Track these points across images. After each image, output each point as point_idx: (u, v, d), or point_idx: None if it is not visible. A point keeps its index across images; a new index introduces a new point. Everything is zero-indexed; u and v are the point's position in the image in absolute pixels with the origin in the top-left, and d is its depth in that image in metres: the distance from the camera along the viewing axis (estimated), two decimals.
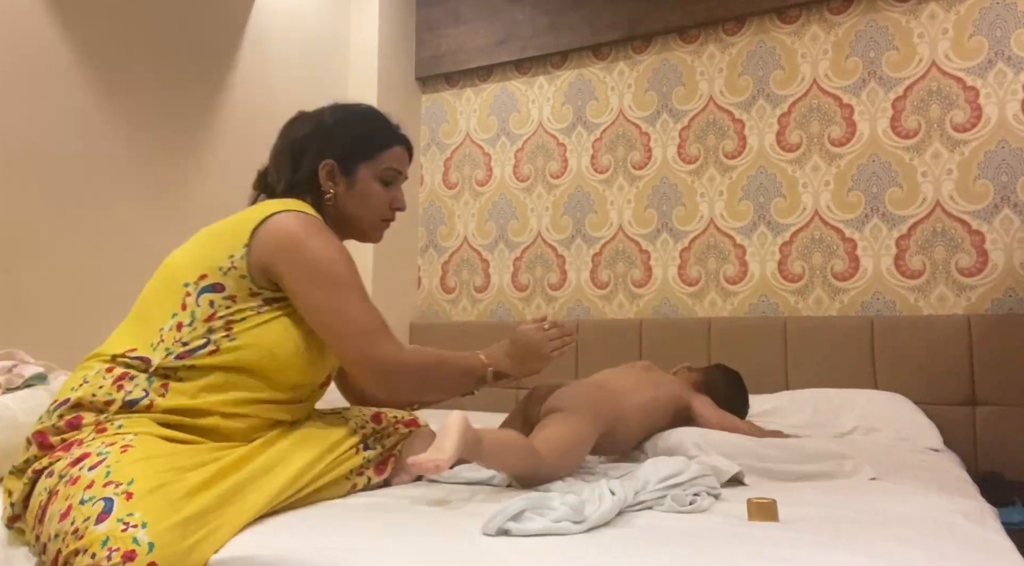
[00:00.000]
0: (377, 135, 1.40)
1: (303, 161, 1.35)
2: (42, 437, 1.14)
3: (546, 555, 0.92)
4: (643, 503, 1.17)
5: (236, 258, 1.22)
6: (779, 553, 0.91)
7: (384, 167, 1.40)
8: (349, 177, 1.37)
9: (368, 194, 1.38)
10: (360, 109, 1.44)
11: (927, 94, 2.46)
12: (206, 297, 1.21)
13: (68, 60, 2.22)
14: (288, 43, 2.97)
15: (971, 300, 2.35)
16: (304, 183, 1.35)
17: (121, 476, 1.00)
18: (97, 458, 1.04)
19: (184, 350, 1.18)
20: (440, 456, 1.10)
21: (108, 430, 1.11)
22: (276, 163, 1.39)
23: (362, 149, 1.37)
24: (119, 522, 0.94)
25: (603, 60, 3.04)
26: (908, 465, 1.69)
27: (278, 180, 1.37)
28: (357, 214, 1.39)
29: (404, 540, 0.98)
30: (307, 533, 1.03)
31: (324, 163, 1.35)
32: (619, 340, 2.79)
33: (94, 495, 0.98)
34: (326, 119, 1.39)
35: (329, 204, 1.36)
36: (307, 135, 1.37)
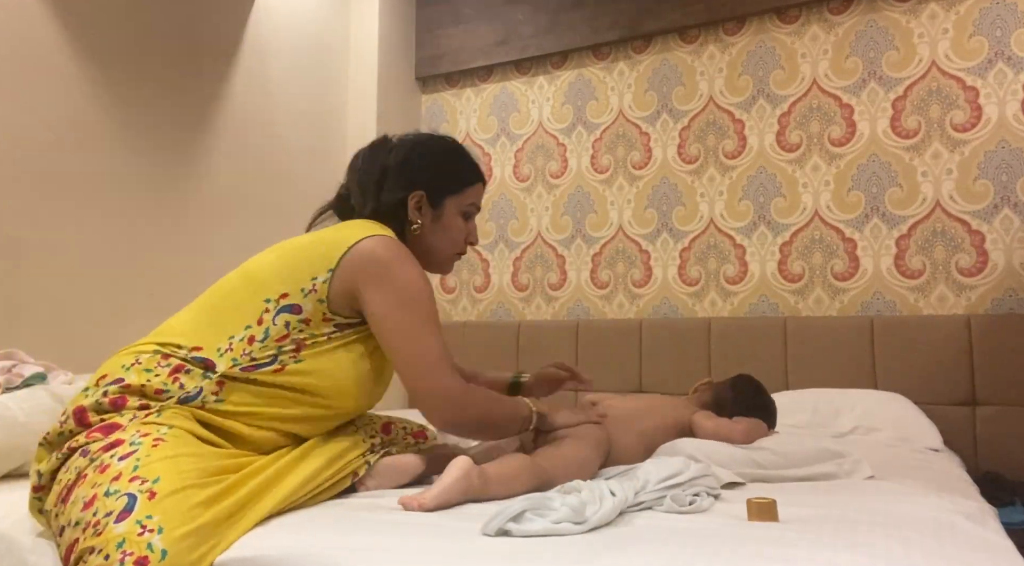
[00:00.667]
0: (465, 171, 1.44)
1: (390, 188, 1.37)
2: (82, 413, 1.15)
3: (546, 555, 0.92)
4: (643, 503, 1.17)
5: (318, 281, 1.23)
6: (779, 553, 0.91)
7: (468, 202, 1.44)
8: (436, 210, 1.40)
9: (451, 227, 1.42)
10: (448, 143, 1.47)
11: (927, 94, 2.46)
12: (283, 317, 1.22)
13: (67, 60, 2.22)
14: (288, 43, 2.97)
15: (971, 300, 2.35)
16: (390, 210, 1.37)
17: (148, 472, 1.01)
18: (129, 448, 1.06)
19: (251, 364, 1.20)
20: (422, 499, 1.13)
21: (148, 418, 1.13)
22: (362, 187, 1.39)
23: (451, 183, 1.41)
24: (137, 523, 0.95)
25: (603, 60, 3.04)
26: (908, 465, 1.69)
27: (363, 204, 1.38)
28: (437, 246, 1.42)
29: (404, 540, 0.98)
30: (307, 533, 1.03)
31: (414, 194, 1.37)
32: (619, 340, 2.79)
33: (119, 489, 1.00)
34: (418, 150, 1.41)
35: (413, 234, 1.38)
36: (399, 164, 1.39)
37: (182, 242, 2.54)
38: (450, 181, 1.41)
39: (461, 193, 1.42)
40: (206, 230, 2.62)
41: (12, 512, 1.26)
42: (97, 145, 2.29)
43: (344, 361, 1.25)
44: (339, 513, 1.14)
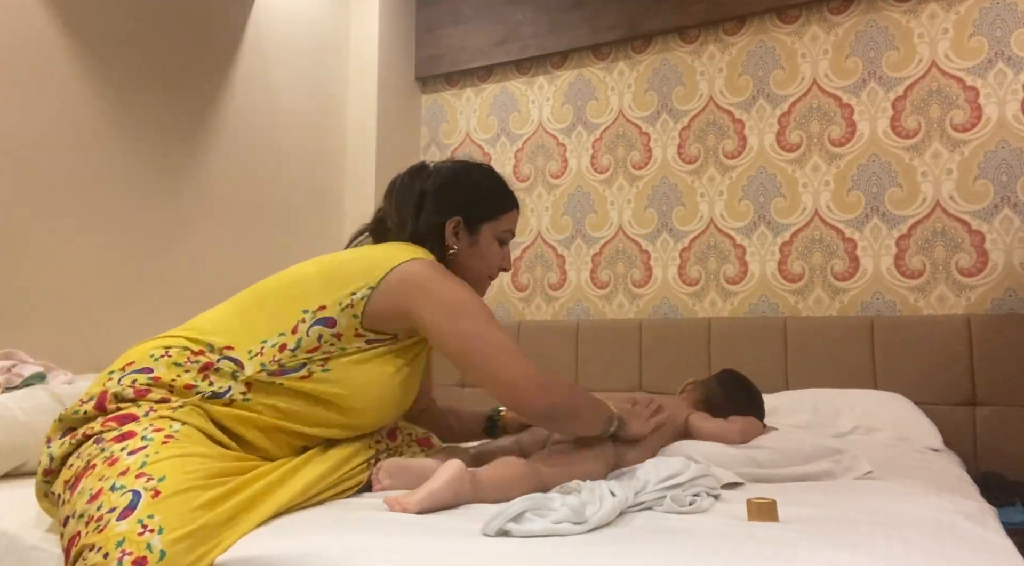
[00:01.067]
0: (501, 198, 1.47)
1: (428, 213, 1.40)
2: (103, 399, 1.16)
3: (546, 556, 0.92)
4: (643, 503, 1.17)
5: (356, 297, 1.25)
6: (779, 553, 0.91)
7: (504, 228, 1.46)
8: (472, 235, 1.43)
9: (487, 253, 1.45)
10: (485, 171, 1.50)
11: (927, 94, 2.46)
12: (317, 329, 1.24)
13: (67, 60, 2.22)
14: (288, 43, 2.97)
15: (971, 300, 2.35)
16: (426, 234, 1.40)
17: (155, 470, 1.03)
18: (141, 442, 1.07)
19: (278, 370, 1.22)
20: (406, 502, 1.12)
21: (163, 412, 1.14)
22: (400, 211, 1.43)
23: (488, 209, 1.44)
24: (139, 522, 0.96)
25: (603, 60, 3.04)
26: (908, 465, 1.69)
27: (401, 228, 1.41)
28: (472, 270, 1.43)
29: (404, 541, 0.98)
30: (307, 534, 1.03)
31: (452, 219, 1.40)
32: (619, 340, 2.79)
33: (125, 484, 1.01)
34: (457, 177, 1.45)
35: (450, 258, 1.41)
36: (437, 189, 1.42)
37: (182, 242, 2.54)
38: (487, 208, 1.44)
39: (497, 220, 1.45)
40: (206, 230, 2.62)
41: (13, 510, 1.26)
42: (97, 145, 2.29)
43: (371, 373, 1.27)
44: (339, 513, 1.14)
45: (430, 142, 3.41)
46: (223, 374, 1.20)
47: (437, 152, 3.38)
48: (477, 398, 3.04)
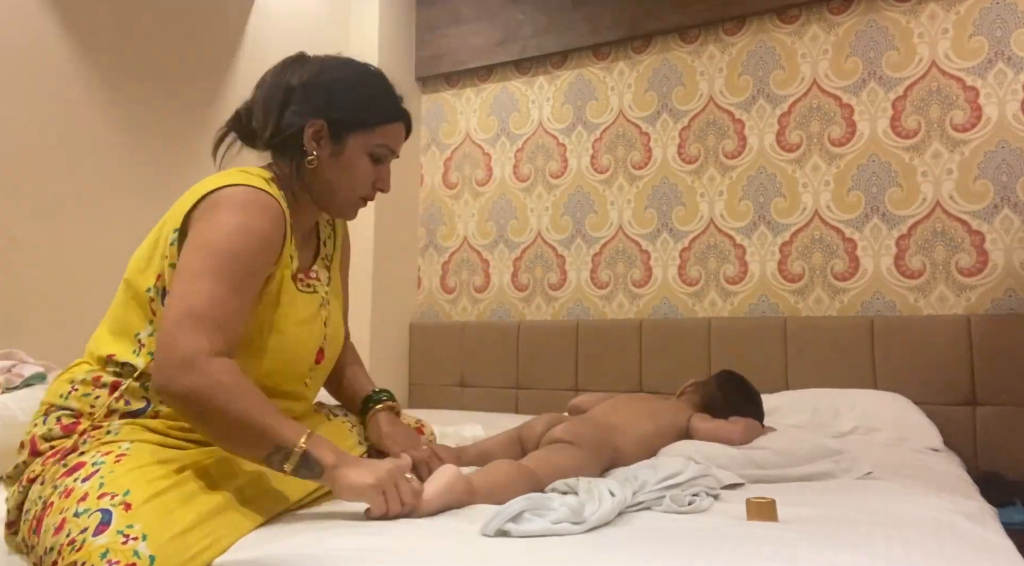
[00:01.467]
0: (379, 106, 1.26)
1: (292, 112, 1.21)
2: (33, 444, 1.12)
3: (545, 556, 0.92)
4: (642, 503, 1.17)
5: (171, 246, 1.14)
6: (779, 553, 0.91)
7: (377, 143, 1.26)
8: (337, 144, 1.23)
9: (353, 167, 1.24)
10: (368, 72, 1.28)
11: (927, 94, 2.46)
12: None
13: (67, 60, 2.22)
14: (288, 43, 2.96)
15: (971, 300, 2.35)
16: (288, 138, 1.22)
17: (116, 487, 0.97)
18: (92, 468, 1.01)
19: None
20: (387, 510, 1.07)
21: (103, 438, 1.09)
22: (264, 107, 1.23)
23: (359, 118, 1.23)
24: (119, 534, 0.91)
25: (603, 60, 3.04)
26: (908, 465, 1.69)
27: (263, 127, 1.23)
28: (336, 185, 1.25)
29: (404, 541, 0.98)
30: (307, 534, 1.03)
31: (313, 122, 1.21)
32: (619, 340, 2.79)
33: (89, 507, 0.95)
34: (328, 73, 1.24)
35: (310, 167, 1.22)
36: (304, 85, 1.22)
37: None
38: (358, 115, 1.23)
39: (369, 131, 1.24)
40: None
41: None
42: (97, 145, 2.29)
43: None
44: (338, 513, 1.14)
45: (430, 142, 3.40)
46: (133, 390, 1.12)
47: (437, 152, 3.38)
48: (478, 398, 3.04)
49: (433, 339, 3.21)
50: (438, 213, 3.36)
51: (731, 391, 1.89)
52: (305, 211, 1.28)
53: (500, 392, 3.02)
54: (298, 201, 1.25)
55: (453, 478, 1.15)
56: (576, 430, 1.45)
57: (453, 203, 3.32)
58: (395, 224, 3.28)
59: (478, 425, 2.19)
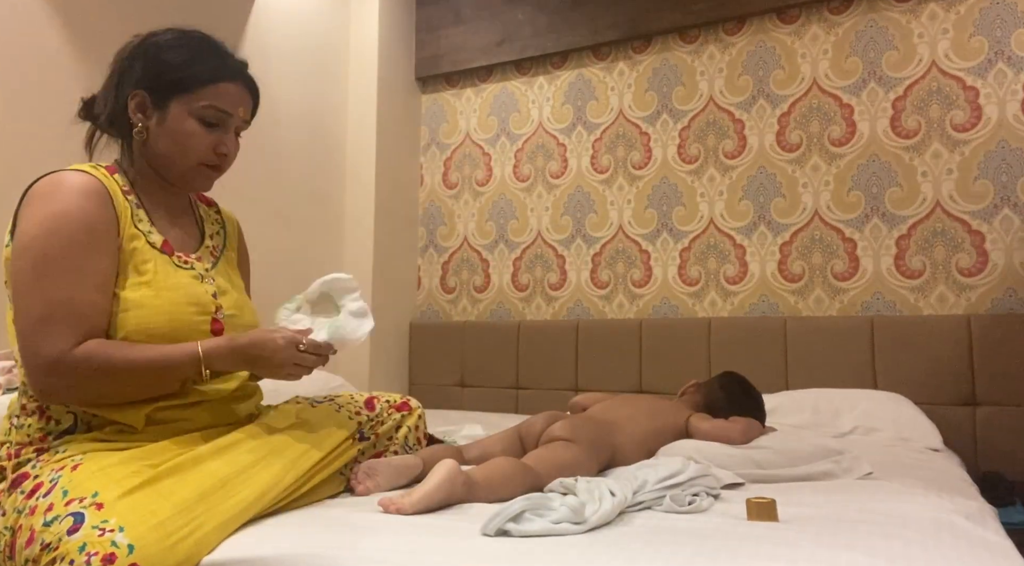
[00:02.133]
0: (197, 67, 1.21)
1: (119, 88, 1.21)
2: None
3: (545, 555, 0.92)
4: (642, 503, 1.17)
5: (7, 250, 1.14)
6: (779, 553, 0.91)
7: (203, 104, 1.20)
8: (160, 111, 1.20)
9: (180, 133, 1.20)
10: (187, 35, 1.26)
11: (927, 94, 2.46)
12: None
13: (66, 59, 2.22)
14: (288, 43, 2.97)
15: (971, 300, 2.35)
16: (120, 115, 1.22)
17: (82, 491, 0.97)
18: (49, 484, 1.01)
19: None
20: (403, 503, 1.10)
21: (52, 459, 1.08)
22: (103, 91, 1.24)
23: (176, 81, 1.20)
24: (94, 529, 0.91)
25: (603, 60, 3.04)
26: (908, 465, 1.69)
27: (103, 109, 1.23)
28: (169, 154, 1.22)
29: (403, 540, 0.98)
30: (304, 532, 1.03)
31: (133, 93, 1.20)
32: (619, 340, 2.79)
33: (58, 514, 0.95)
34: (147, 42, 1.23)
35: (139, 140, 1.22)
36: (127, 58, 1.22)
37: None
38: (175, 77, 1.19)
39: (191, 93, 1.20)
40: None
41: None
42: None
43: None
44: (337, 513, 1.14)
45: (430, 142, 3.41)
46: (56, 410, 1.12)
47: (437, 152, 3.38)
48: (478, 398, 3.04)
49: (433, 339, 3.21)
50: (438, 213, 3.36)
51: (733, 391, 1.90)
52: (160, 190, 1.27)
53: (500, 392, 3.02)
54: (148, 181, 1.25)
55: (453, 471, 1.15)
56: (575, 427, 1.46)
57: (453, 203, 3.32)
58: (395, 224, 3.28)
59: (478, 425, 2.19)
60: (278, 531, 1.04)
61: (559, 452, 1.37)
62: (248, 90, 1.27)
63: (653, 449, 1.58)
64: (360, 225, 3.19)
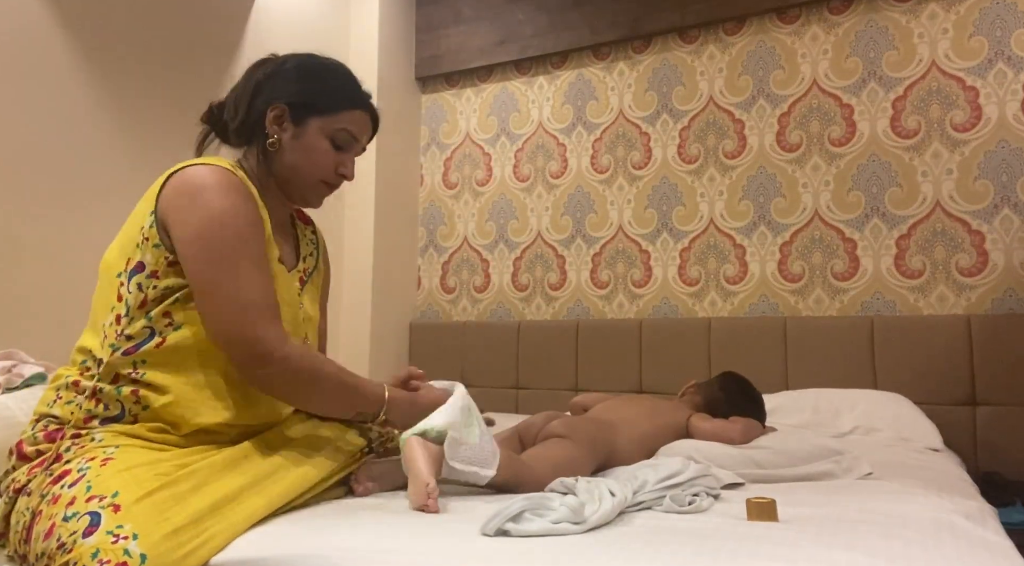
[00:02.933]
0: (338, 92, 1.31)
1: (257, 102, 1.28)
2: (20, 449, 1.13)
3: (545, 555, 0.92)
4: (642, 503, 1.17)
5: (146, 227, 1.17)
6: (779, 553, 0.91)
7: (338, 127, 1.30)
8: (297, 127, 1.28)
9: (313, 149, 1.29)
10: (329, 63, 1.35)
11: (927, 94, 2.46)
12: (134, 280, 1.16)
13: (67, 59, 2.22)
14: (288, 43, 2.96)
15: (971, 300, 2.35)
16: (253, 125, 1.29)
17: (103, 489, 0.98)
18: (77, 474, 1.02)
19: (130, 345, 1.14)
20: (429, 499, 1.09)
21: (87, 445, 1.09)
22: (234, 101, 1.31)
23: (319, 101, 1.29)
24: (108, 534, 0.91)
25: (603, 60, 3.04)
26: (908, 465, 1.69)
27: (233, 117, 1.30)
28: (297, 168, 1.29)
29: (403, 541, 0.98)
30: (306, 534, 1.03)
31: (274, 106, 1.27)
32: (619, 340, 2.79)
33: (78, 511, 0.96)
34: (291, 63, 1.31)
35: (272, 150, 1.28)
36: (268, 76, 1.29)
37: None
38: (318, 99, 1.29)
39: (330, 116, 1.29)
40: None
41: None
42: (97, 145, 2.29)
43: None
44: (338, 513, 1.14)
45: (430, 142, 3.40)
46: (108, 394, 1.13)
47: (437, 152, 3.38)
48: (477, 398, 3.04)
49: (433, 339, 3.21)
50: (438, 213, 3.36)
51: (733, 391, 1.90)
52: (276, 203, 1.33)
53: (500, 392, 3.02)
54: (267, 191, 1.31)
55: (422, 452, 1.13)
56: (572, 424, 1.46)
57: (453, 203, 3.32)
58: (395, 224, 3.28)
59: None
60: (279, 531, 1.04)
61: (554, 448, 1.37)
62: (372, 120, 1.36)
63: (653, 449, 1.58)
64: (360, 225, 3.19)
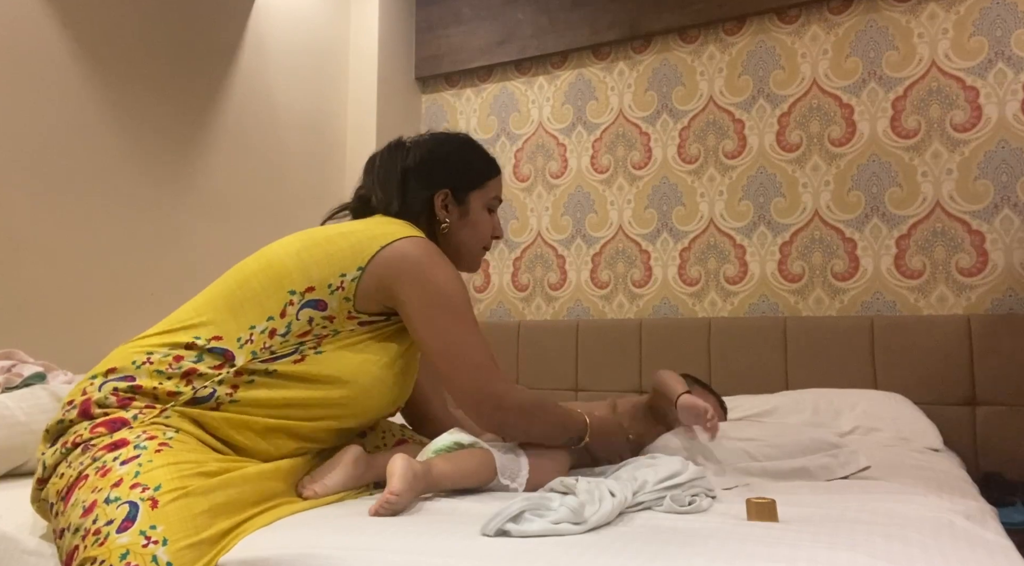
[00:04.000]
0: (484, 164, 1.44)
1: (414, 189, 1.37)
2: (87, 405, 1.12)
3: (545, 555, 0.92)
4: (641, 504, 1.17)
5: (347, 279, 1.21)
6: (779, 553, 0.91)
7: (492, 196, 1.44)
8: (462, 206, 1.40)
9: (479, 223, 1.42)
10: (464, 139, 1.47)
11: (927, 94, 2.46)
12: (307, 312, 1.20)
13: (67, 60, 2.22)
14: (288, 43, 2.97)
15: (971, 300, 2.35)
16: (416, 212, 1.36)
17: (149, 479, 1.00)
18: (134, 451, 1.04)
19: (270, 357, 1.18)
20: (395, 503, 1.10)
21: (155, 418, 1.11)
22: (384, 188, 1.38)
23: (474, 178, 1.41)
24: (141, 534, 0.95)
25: (603, 60, 3.04)
26: (908, 465, 1.69)
27: (387, 205, 1.36)
28: (467, 242, 1.41)
29: (403, 541, 0.98)
30: (307, 533, 1.03)
31: (440, 192, 1.37)
32: (619, 340, 2.79)
33: (120, 496, 0.99)
34: (438, 149, 1.41)
35: (443, 233, 1.38)
36: (420, 163, 1.38)
37: (182, 242, 2.54)
38: (473, 177, 1.41)
39: (484, 187, 1.42)
40: (206, 230, 2.62)
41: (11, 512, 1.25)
42: (97, 145, 2.29)
43: (366, 353, 1.23)
44: (340, 513, 1.14)
45: None
46: (207, 377, 1.15)
47: None
48: None
49: None
50: None
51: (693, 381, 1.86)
52: None
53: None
54: None
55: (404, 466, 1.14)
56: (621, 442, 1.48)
57: None
58: None
59: None
60: (281, 531, 1.04)
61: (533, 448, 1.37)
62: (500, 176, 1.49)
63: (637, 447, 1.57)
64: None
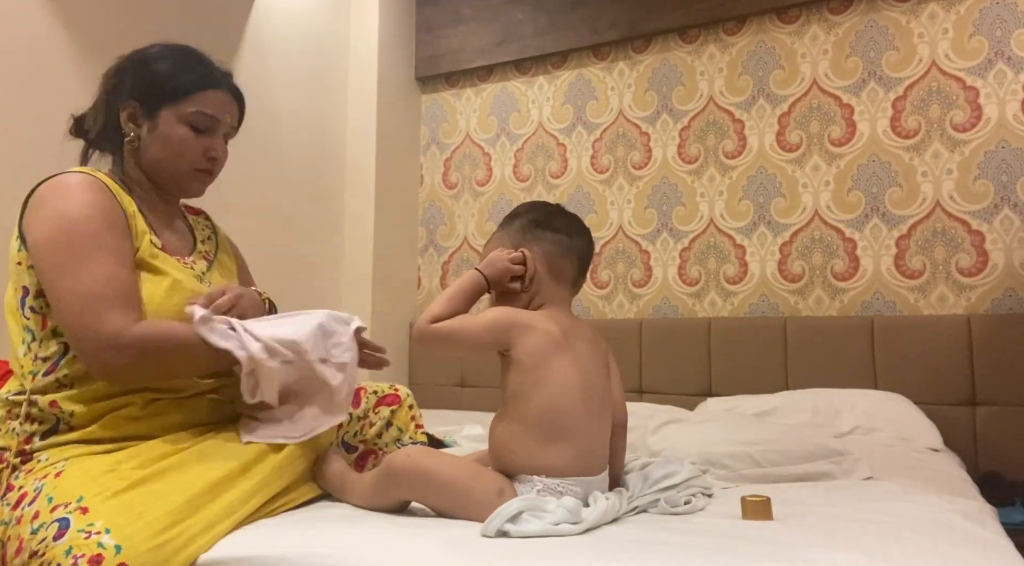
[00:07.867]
0: (185, 76, 1.27)
1: (111, 103, 1.27)
2: None
3: (544, 555, 0.92)
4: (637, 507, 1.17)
5: (14, 252, 1.17)
6: (777, 552, 0.91)
7: (192, 110, 1.26)
8: (152, 120, 1.26)
9: (172, 139, 1.25)
10: (173, 47, 1.31)
11: (927, 94, 2.46)
12: (27, 305, 1.16)
13: (66, 59, 2.22)
14: (288, 43, 2.97)
15: (971, 300, 2.35)
16: (114, 129, 1.27)
17: (67, 497, 0.97)
18: (34, 493, 1.02)
19: (48, 365, 1.14)
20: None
21: (34, 468, 1.08)
22: (93, 108, 1.30)
23: (165, 90, 1.25)
24: (80, 532, 0.92)
25: (603, 60, 3.04)
26: (908, 465, 1.69)
27: (92, 125, 1.29)
28: (162, 160, 1.27)
29: (402, 541, 0.98)
30: (303, 533, 1.03)
31: (125, 104, 1.25)
32: (619, 340, 2.78)
33: (44, 521, 0.96)
34: (133, 58, 1.28)
35: (133, 148, 1.27)
36: (114, 74, 1.28)
37: None
38: (163, 89, 1.25)
39: (180, 101, 1.25)
40: None
41: None
42: None
43: None
44: (335, 512, 1.14)
45: (430, 142, 3.40)
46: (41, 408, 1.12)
47: (437, 152, 3.38)
48: (477, 398, 3.04)
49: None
50: (438, 213, 3.36)
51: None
52: (157, 200, 1.31)
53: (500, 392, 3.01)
54: (141, 188, 1.29)
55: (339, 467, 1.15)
56: None
57: (453, 203, 3.32)
58: (395, 224, 3.28)
59: (478, 425, 2.19)
60: (276, 530, 1.04)
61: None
62: (234, 98, 1.33)
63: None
64: (360, 225, 3.19)
